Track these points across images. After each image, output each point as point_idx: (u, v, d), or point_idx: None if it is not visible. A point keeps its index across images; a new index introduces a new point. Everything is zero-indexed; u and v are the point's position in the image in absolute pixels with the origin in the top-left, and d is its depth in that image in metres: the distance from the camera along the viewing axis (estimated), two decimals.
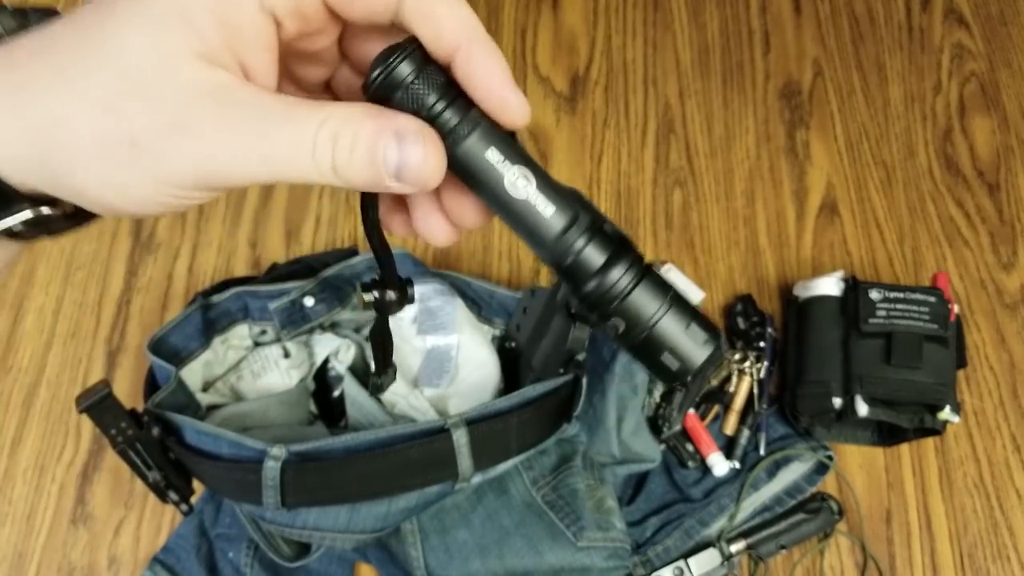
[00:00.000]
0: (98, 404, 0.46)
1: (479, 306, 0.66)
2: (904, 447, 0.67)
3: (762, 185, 0.79)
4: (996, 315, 0.73)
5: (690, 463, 0.65)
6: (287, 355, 0.61)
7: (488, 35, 0.19)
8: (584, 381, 0.55)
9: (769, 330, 0.69)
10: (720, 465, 0.63)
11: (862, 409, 0.61)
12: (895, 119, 0.83)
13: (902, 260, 0.75)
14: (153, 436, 0.49)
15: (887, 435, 0.66)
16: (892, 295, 0.63)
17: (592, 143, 0.81)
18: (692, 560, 0.60)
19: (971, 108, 0.83)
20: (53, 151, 0.17)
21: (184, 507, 0.53)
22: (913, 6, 0.89)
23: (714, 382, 0.68)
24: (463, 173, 0.19)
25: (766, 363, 0.67)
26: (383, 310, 0.24)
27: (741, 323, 0.70)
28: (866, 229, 0.77)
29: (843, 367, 0.63)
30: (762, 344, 0.68)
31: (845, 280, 0.67)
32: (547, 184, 0.19)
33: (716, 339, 0.20)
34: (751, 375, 0.67)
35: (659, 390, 0.65)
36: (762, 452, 0.65)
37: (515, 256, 0.75)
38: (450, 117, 0.19)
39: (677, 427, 0.65)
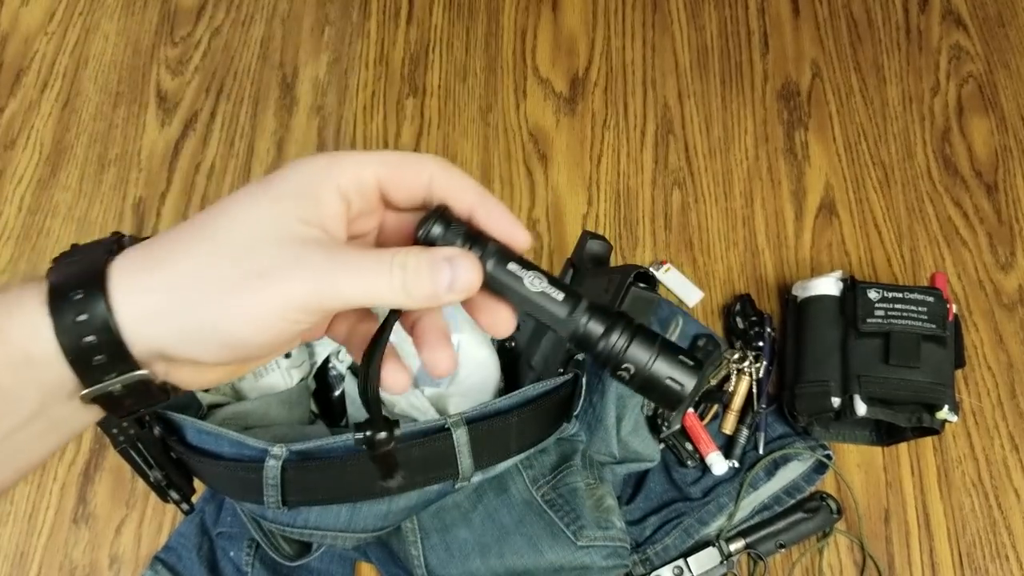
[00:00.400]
0: None
1: None
2: (902, 446, 0.67)
3: (761, 185, 0.79)
4: (994, 315, 0.73)
5: (689, 462, 0.65)
6: (288, 355, 0.62)
7: (490, 193, 0.27)
8: (583, 380, 0.55)
9: (768, 330, 0.69)
10: (719, 464, 0.64)
11: (860, 408, 0.61)
12: (893, 120, 0.83)
13: (900, 260, 0.76)
14: (154, 435, 0.49)
15: (885, 434, 0.66)
16: (890, 295, 0.64)
17: (591, 144, 0.81)
18: (691, 559, 0.60)
19: (969, 109, 0.84)
20: (191, 291, 0.22)
21: (185, 506, 0.53)
22: (911, 8, 0.90)
23: (713, 382, 0.68)
24: (493, 284, 0.26)
25: (765, 363, 0.68)
26: (372, 448, 0.28)
27: (740, 323, 0.70)
28: (864, 229, 0.77)
29: (841, 367, 0.63)
30: (761, 344, 0.68)
31: (843, 280, 0.67)
32: (553, 280, 0.27)
33: (699, 369, 0.27)
34: (750, 375, 0.67)
35: None
36: (761, 451, 0.65)
37: None
38: (476, 249, 0.26)
39: (676, 426, 0.65)
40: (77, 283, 0.23)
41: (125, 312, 0.23)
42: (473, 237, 0.26)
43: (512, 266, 0.26)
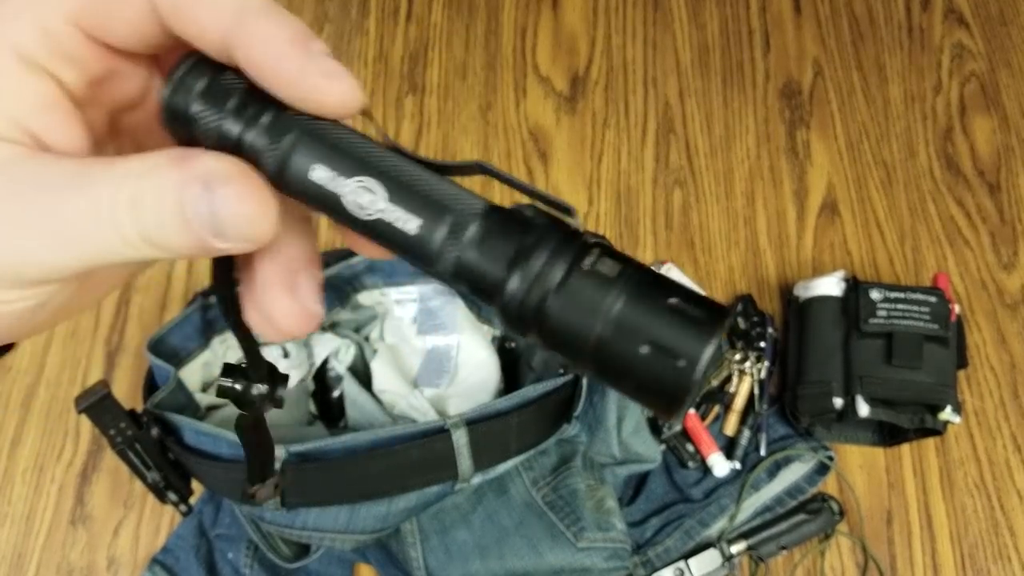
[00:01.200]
0: (97, 404, 0.46)
1: (479, 306, 0.66)
2: (905, 447, 0.67)
3: (762, 185, 0.79)
4: (997, 315, 0.73)
5: (690, 463, 0.64)
6: (286, 355, 0.61)
7: (268, 4, 0.14)
8: (584, 381, 0.55)
9: (770, 330, 0.69)
10: (720, 465, 0.63)
11: (863, 409, 0.61)
12: (895, 119, 0.83)
13: (903, 260, 0.75)
14: (152, 436, 0.49)
15: (888, 435, 0.66)
16: (893, 295, 0.63)
17: (592, 143, 0.81)
18: (692, 561, 0.60)
19: (971, 108, 0.83)
20: None
21: (183, 507, 0.53)
22: (913, 6, 0.89)
23: (714, 382, 0.67)
24: (304, 202, 0.15)
25: (766, 363, 0.67)
26: (246, 405, 0.18)
27: (742, 323, 0.69)
28: (867, 229, 0.77)
29: (844, 367, 0.63)
30: (762, 344, 0.68)
31: (846, 280, 0.66)
32: (404, 187, 0.14)
33: (707, 338, 0.13)
34: (751, 375, 0.67)
35: None
36: (763, 452, 0.65)
37: None
38: (260, 133, 0.14)
39: (677, 427, 0.65)
40: None
41: None
42: (255, 104, 0.14)
43: (319, 172, 0.14)
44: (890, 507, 0.65)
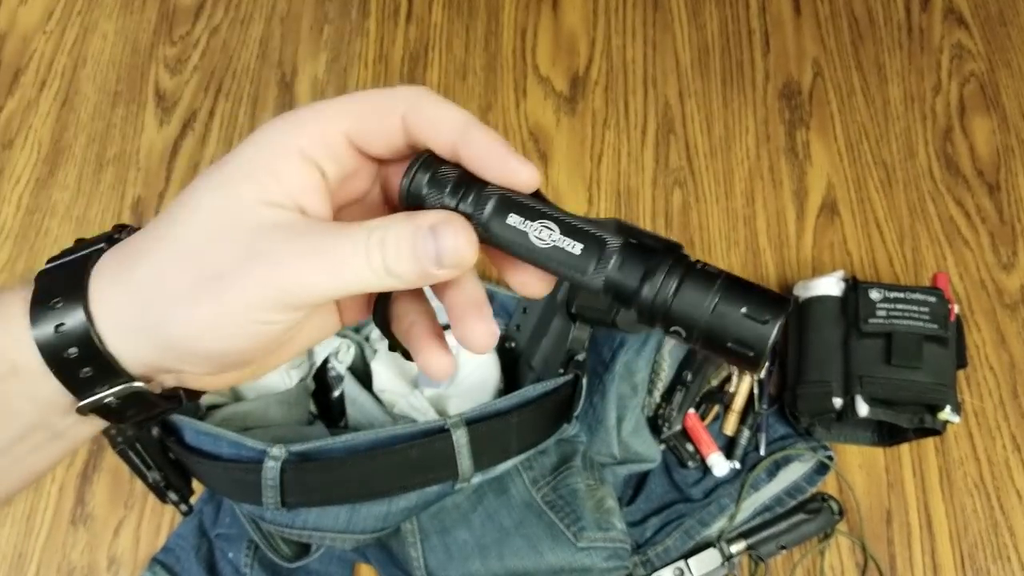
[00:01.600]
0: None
1: None
2: (904, 447, 0.67)
3: (762, 185, 0.79)
4: (996, 315, 0.73)
5: (690, 463, 0.64)
6: None
7: (479, 121, 0.22)
8: (584, 381, 0.55)
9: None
10: (720, 465, 0.63)
11: (862, 409, 0.61)
12: (895, 119, 0.83)
13: (902, 260, 0.75)
14: (153, 436, 0.49)
15: (887, 435, 0.66)
16: (892, 295, 0.63)
17: (592, 143, 0.81)
18: (692, 560, 0.60)
19: (971, 108, 0.83)
20: (154, 304, 0.20)
21: (184, 507, 0.53)
22: (913, 6, 0.90)
23: (714, 382, 0.68)
24: (499, 244, 0.22)
25: (767, 363, 0.67)
26: None
27: None
28: (866, 229, 0.77)
29: (843, 367, 0.63)
30: None
31: (845, 280, 0.67)
32: (572, 227, 0.21)
33: (779, 312, 0.20)
34: (751, 375, 0.67)
35: (659, 390, 0.65)
36: (762, 452, 0.65)
37: None
38: (470, 202, 0.22)
39: (677, 427, 0.65)
40: (59, 289, 0.21)
41: (105, 322, 0.21)
42: (466, 184, 0.22)
43: (512, 218, 0.21)
44: (890, 507, 0.65)
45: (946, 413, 0.61)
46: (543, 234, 0.21)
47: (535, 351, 0.60)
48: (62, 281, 0.21)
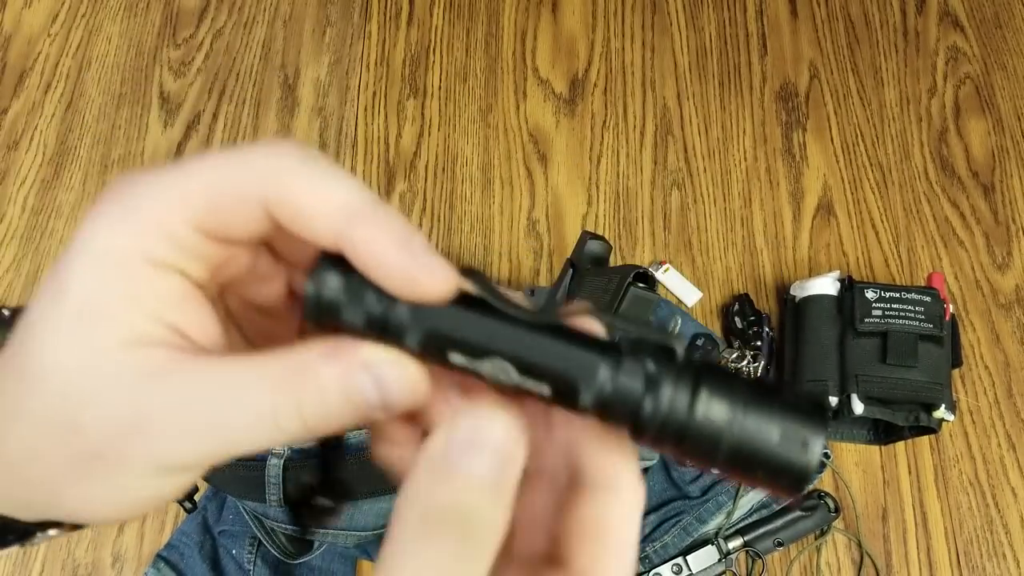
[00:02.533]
0: None
1: None
2: (900, 445, 0.67)
3: (759, 186, 0.80)
4: (991, 315, 0.73)
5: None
6: None
7: (372, 203, 0.16)
8: None
9: (766, 329, 0.69)
10: None
11: (858, 408, 0.62)
12: (891, 121, 0.83)
13: (898, 260, 0.76)
14: None
15: (883, 433, 0.67)
16: (888, 295, 0.64)
17: (591, 145, 0.82)
18: (690, 557, 0.61)
19: (966, 110, 0.84)
20: (36, 484, 0.17)
21: (188, 504, 0.53)
22: (908, 9, 0.90)
23: None
24: (451, 371, 0.17)
25: (763, 362, 0.68)
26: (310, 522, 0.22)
27: (738, 322, 0.70)
28: (862, 230, 0.77)
29: (839, 366, 0.64)
30: (759, 343, 0.69)
31: (841, 280, 0.67)
32: (529, 363, 0.16)
33: (822, 426, 0.16)
34: (748, 374, 0.68)
35: None
36: None
37: (515, 256, 0.76)
38: (398, 320, 0.16)
39: None
40: None
41: None
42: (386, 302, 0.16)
43: (456, 358, 0.16)
44: (885, 504, 0.66)
45: (941, 412, 0.61)
46: (500, 375, 0.16)
47: None
48: None
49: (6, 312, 0.19)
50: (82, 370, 0.16)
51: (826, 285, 0.67)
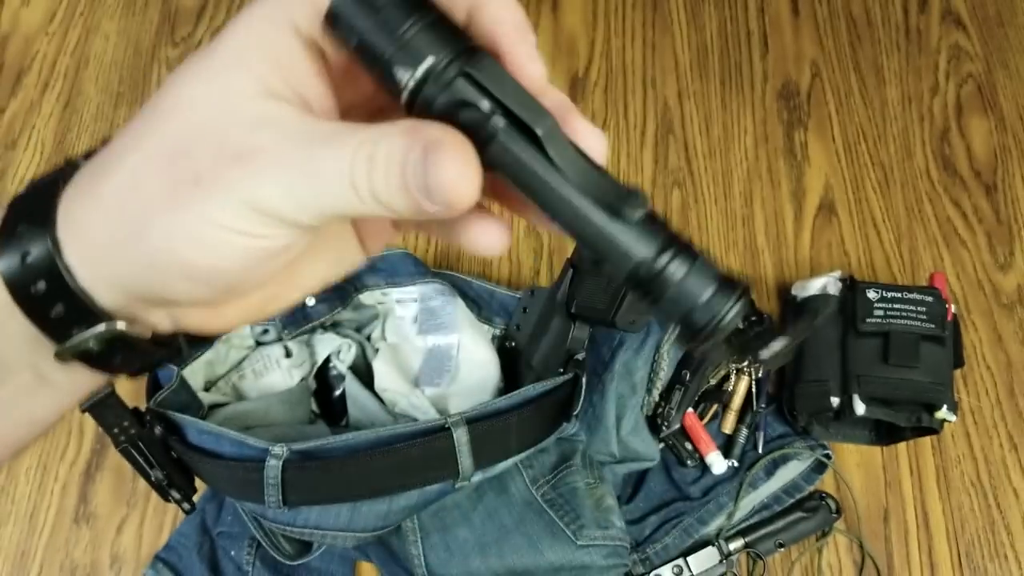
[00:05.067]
0: (101, 403, 0.46)
1: (479, 306, 0.66)
2: (901, 446, 0.67)
3: (760, 186, 0.79)
4: (993, 315, 0.73)
5: (689, 462, 0.65)
6: (289, 355, 0.62)
7: None
8: (583, 380, 0.55)
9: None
10: (719, 464, 0.64)
11: (860, 408, 0.62)
12: (893, 120, 0.83)
13: (899, 260, 0.76)
14: (155, 435, 0.49)
15: (885, 434, 0.66)
16: (889, 295, 0.64)
17: None
18: (691, 558, 0.60)
19: (968, 109, 0.84)
20: (127, 215, 0.17)
21: (186, 505, 0.53)
22: (911, 8, 0.90)
23: (713, 381, 0.68)
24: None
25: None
26: None
27: (739, 323, 0.70)
28: (864, 229, 0.77)
29: (841, 366, 0.64)
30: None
31: (843, 280, 0.67)
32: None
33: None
34: (749, 374, 0.67)
35: (658, 389, 0.65)
36: (760, 451, 0.65)
37: (515, 256, 0.76)
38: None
39: (676, 426, 0.65)
40: (25, 212, 0.18)
41: (74, 246, 0.18)
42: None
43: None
44: (887, 505, 0.65)
45: (943, 412, 0.61)
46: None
47: (535, 351, 0.60)
48: (31, 203, 0.18)
49: (82, 162, 0.19)
50: (209, 106, 0.17)
51: (828, 285, 0.67)
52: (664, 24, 0.88)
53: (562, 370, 0.55)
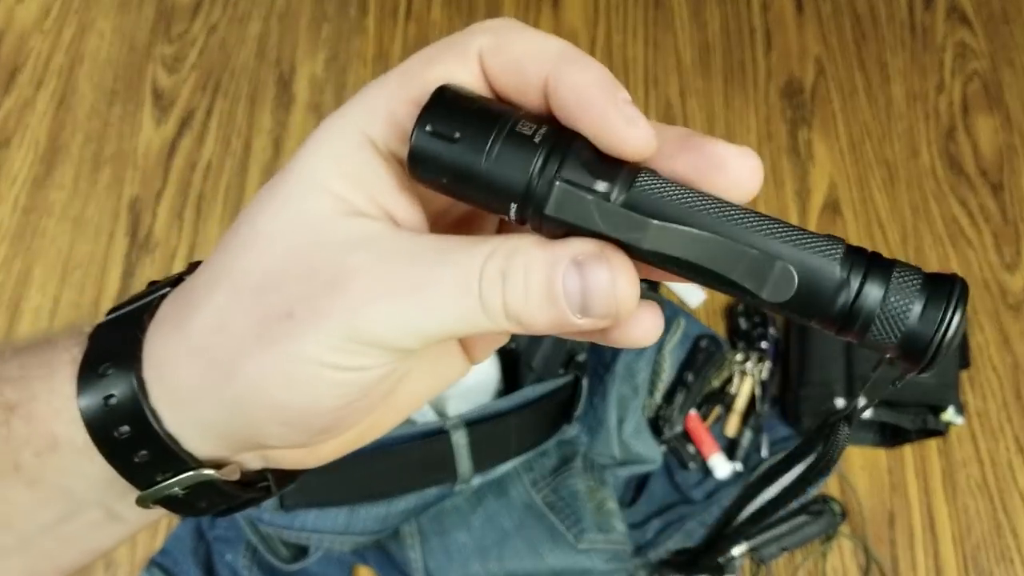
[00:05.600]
0: None
1: None
2: (907, 449, 0.66)
3: (764, 184, 0.78)
4: (999, 316, 0.72)
5: (691, 464, 0.64)
6: None
7: (582, 53, 0.16)
8: (584, 382, 0.54)
9: (771, 331, 0.68)
10: (722, 467, 0.63)
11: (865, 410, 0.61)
12: (898, 118, 0.82)
13: (905, 260, 0.75)
14: None
15: (890, 436, 0.66)
16: None
17: None
18: None
19: (974, 107, 0.83)
20: (216, 357, 0.16)
21: None
22: (915, 5, 0.89)
23: (715, 383, 0.67)
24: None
25: (768, 364, 0.67)
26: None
27: (743, 324, 0.69)
28: (869, 229, 0.76)
29: (845, 368, 0.63)
30: (764, 345, 0.67)
31: None
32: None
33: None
34: (753, 376, 0.67)
35: (660, 391, 0.64)
36: (764, 454, 0.64)
37: None
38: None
39: (678, 428, 0.64)
40: (110, 350, 0.17)
41: (161, 390, 0.17)
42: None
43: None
44: (892, 508, 0.65)
45: (949, 414, 0.61)
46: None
47: (535, 351, 0.59)
48: (116, 340, 0.17)
49: (87, 329, 0.18)
50: (291, 233, 0.16)
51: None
52: (666, 21, 0.87)
53: (563, 371, 0.54)
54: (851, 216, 0.77)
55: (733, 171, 0.16)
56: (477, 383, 0.60)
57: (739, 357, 0.67)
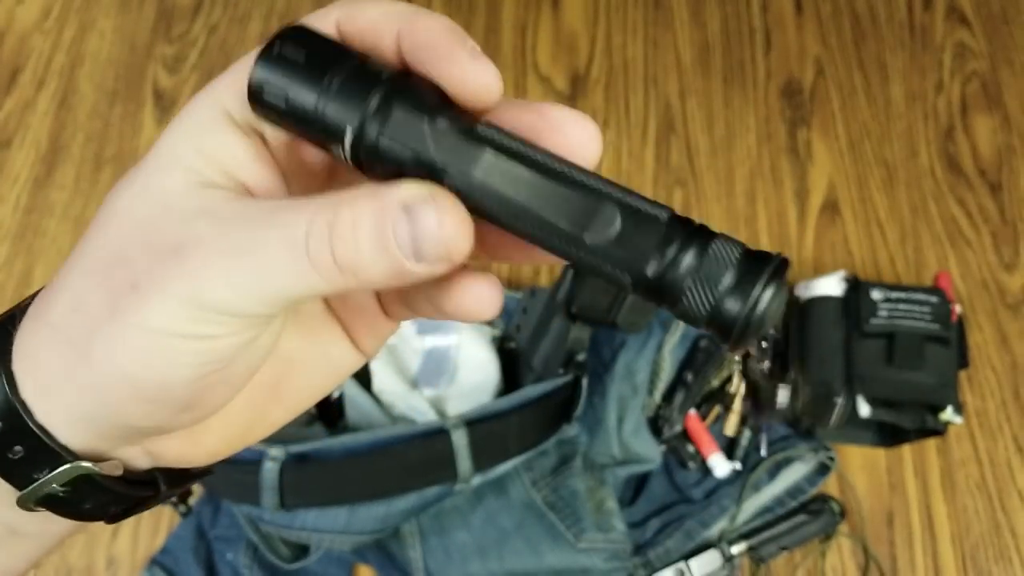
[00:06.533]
0: None
1: None
2: (906, 448, 0.66)
3: (763, 184, 0.78)
4: (998, 315, 0.72)
5: (691, 464, 0.64)
6: None
7: (432, 11, 0.16)
8: (584, 381, 0.54)
9: (771, 330, 0.68)
10: (721, 466, 0.63)
11: (864, 410, 0.61)
12: (897, 118, 0.82)
13: (904, 260, 0.75)
14: None
15: (889, 436, 0.66)
16: (894, 295, 0.63)
17: None
18: (693, 561, 0.60)
19: (973, 107, 0.83)
20: (74, 340, 0.16)
21: (182, 508, 0.53)
22: (915, 5, 0.89)
23: (715, 383, 0.67)
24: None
25: (767, 363, 0.67)
26: None
27: None
28: (868, 229, 0.76)
29: (845, 367, 0.63)
30: (763, 344, 0.68)
31: (847, 280, 0.66)
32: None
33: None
34: (755, 376, 0.67)
35: (660, 391, 0.64)
36: (763, 453, 0.64)
37: None
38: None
39: (678, 428, 0.64)
40: None
41: (29, 382, 0.16)
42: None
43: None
44: (891, 508, 0.65)
45: (948, 414, 0.61)
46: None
47: (535, 351, 0.59)
48: None
49: None
50: (142, 208, 0.16)
51: (831, 285, 0.66)
52: (666, 21, 0.87)
53: (562, 371, 0.54)
54: (850, 216, 0.77)
55: (571, 134, 0.16)
56: (477, 383, 0.60)
57: (739, 357, 0.67)
